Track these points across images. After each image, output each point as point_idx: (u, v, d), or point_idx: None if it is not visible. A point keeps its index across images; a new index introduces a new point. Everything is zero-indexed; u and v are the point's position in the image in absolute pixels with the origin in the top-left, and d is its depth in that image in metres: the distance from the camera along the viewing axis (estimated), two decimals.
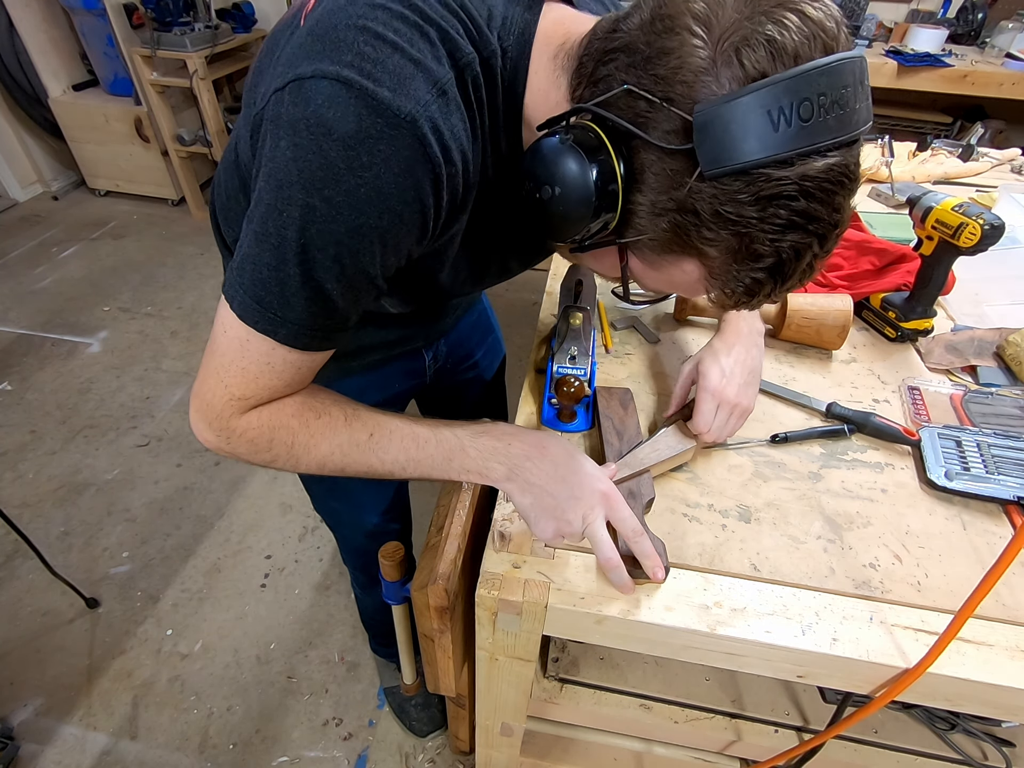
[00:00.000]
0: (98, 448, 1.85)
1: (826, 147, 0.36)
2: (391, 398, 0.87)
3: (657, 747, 0.87)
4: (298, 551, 1.60)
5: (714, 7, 0.36)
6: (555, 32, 0.47)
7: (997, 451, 0.68)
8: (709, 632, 0.54)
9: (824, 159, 0.36)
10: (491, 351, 1.03)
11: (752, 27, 0.35)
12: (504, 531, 0.61)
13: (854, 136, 0.37)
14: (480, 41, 0.44)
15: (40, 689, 1.31)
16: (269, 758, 1.23)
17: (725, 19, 0.35)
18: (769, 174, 0.36)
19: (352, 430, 0.54)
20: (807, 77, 0.34)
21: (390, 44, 0.40)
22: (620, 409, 0.71)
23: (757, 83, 0.34)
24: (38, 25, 2.66)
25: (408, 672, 0.94)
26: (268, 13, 2.89)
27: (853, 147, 0.38)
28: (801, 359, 0.85)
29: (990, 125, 2.27)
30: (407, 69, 0.40)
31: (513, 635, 0.60)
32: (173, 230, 2.94)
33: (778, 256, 0.39)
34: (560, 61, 0.46)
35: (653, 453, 0.65)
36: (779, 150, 0.35)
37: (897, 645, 0.54)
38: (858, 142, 0.38)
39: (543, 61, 0.47)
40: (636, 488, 0.62)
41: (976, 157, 1.43)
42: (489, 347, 1.02)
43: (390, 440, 0.54)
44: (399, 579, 0.76)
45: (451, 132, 0.43)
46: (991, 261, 0.88)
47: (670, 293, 0.54)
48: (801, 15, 0.35)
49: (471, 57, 0.44)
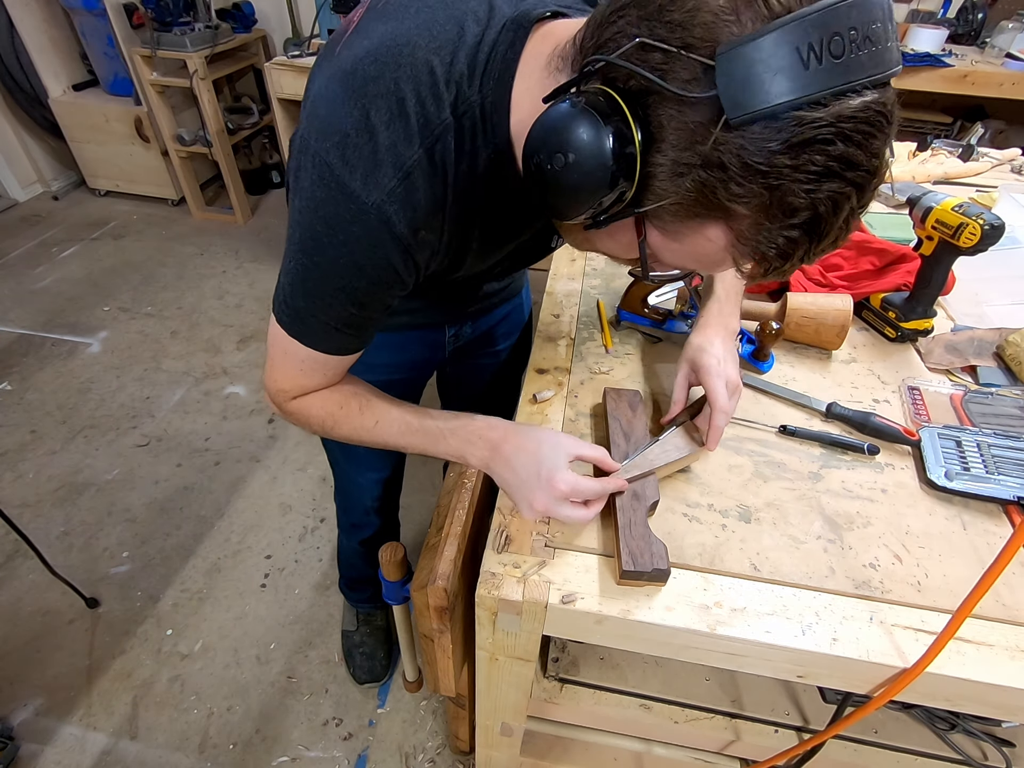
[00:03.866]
0: (98, 448, 1.85)
1: (861, 85, 0.34)
2: (407, 362, 0.92)
3: (657, 747, 0.87)
4: (298, 551, 1.60)
5: None
6: (543, 46, 0.48)
7: (997, 451, 0.68)
8: (709, 632, 0.54)
9: (860, 97, 0.34)
10: (515, 346, 1.08)
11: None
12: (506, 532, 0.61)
13: (889, 74, 0.35)
14: (458, 100, 0.48)
15: (40, 689, 1.31)
16: (269, 758, 1.23)
17: None
18: (802, 117, 0.33)
19: (363, 418, 0.64)
20: (836, 10, 0.32)
21: (370, 129, 0.46)
22: (628, 411, 0.71)
23: (783, 18, 0.32)
24: (38, 25, 2.66)
25: (410, 670, 0.94)
26: (268, 13, 2.88)
27: (887, 88, 0.35)
28: (801, 359, 0.85)
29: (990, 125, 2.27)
30: (379, 155, 0.47)
31: (513, 635, 0.60)
32: (173, 230, 2.94)
33: (814, 209, 0.36)
34: (555, 63, 0.46)
35: (663, 454, 0.65)
36: (811, 89, 0.33)
37: (897, 645, 0.54)
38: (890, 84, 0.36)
39: (535, 76, 0.47)
40: (641, 490, 0.62)
41: (976, 157, 1.43)
42: (514, 342, 1.07)
43: (389, 427, 0.64)
44: (399, 579, 0.76)
45: (414, 208, 0.49)
46: (991, 261, 0.88)
47: (692, 271, 0.53)
48: None
49: (446, 123, 0.48)
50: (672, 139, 0.37)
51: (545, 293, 0.96)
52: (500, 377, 1.10)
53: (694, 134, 0.36)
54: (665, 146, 0.38)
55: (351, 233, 0.49)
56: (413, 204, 0.49)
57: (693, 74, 0.35)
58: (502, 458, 0.61)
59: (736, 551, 0.60)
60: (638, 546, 0.56)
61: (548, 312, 0.92)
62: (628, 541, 0.57)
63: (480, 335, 0.98)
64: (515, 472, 0.60)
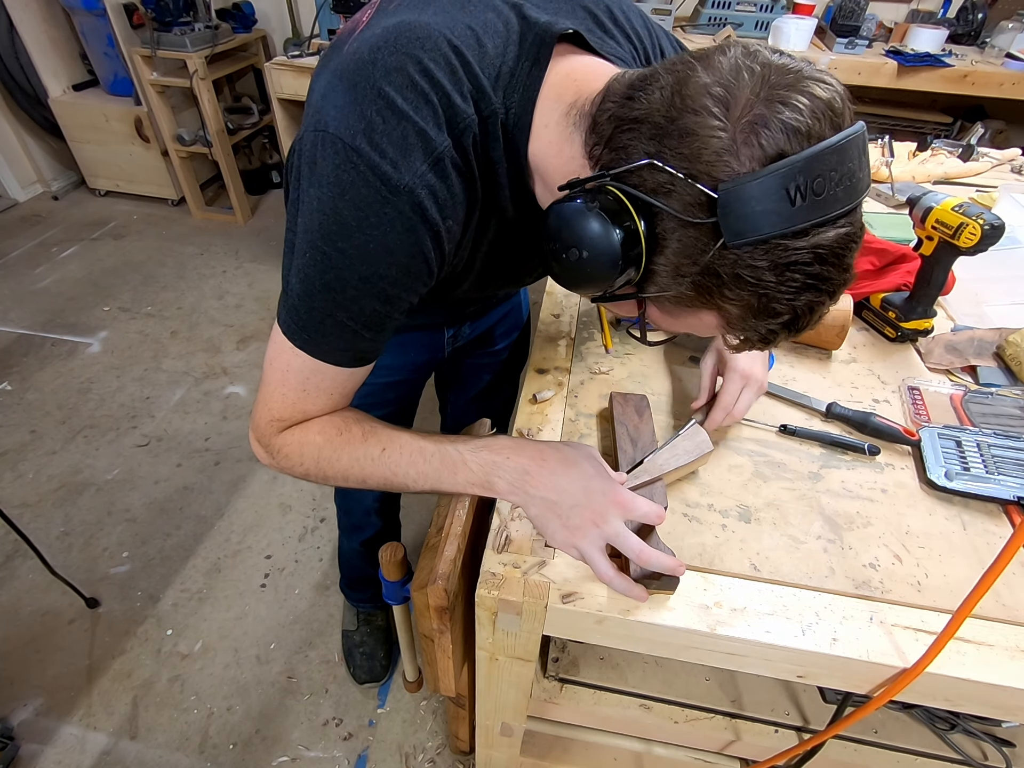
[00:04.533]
0: (98, 448, 1.85)
1: (835, 216, 0.39)
2: (406, 363, 0.91)
3: (657, 747, 0.87)
4: (298, 551, 1.60)
5: (732, 90, 0.38)
6: (565, 87, 0.50)
7: (997, 451, 0.68)
8: (709, 632, 0.54)
9: (835, 228, 0.39)
10: (514, 346, 1.08)
11: (767, 109, 0.37)
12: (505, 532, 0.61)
13: (859, 202, 0.40)
14: (482, 102, 0.49)
15: (40, 689, 1.31)
16: (269, 758, 1.23)
17: (742, 100, 0.38)
18: (786, 244, 0.39)
19: (368, 445, 0.58)
20: (820, 156, 0.37)
21: (398, 114, 0.46)
22: (635, 416, 0.71)
23: (777, 164, 0.37)
24: (38, 25, 2.66)
25: (410, 670, 0.94)
26: (268, 13, 2.88)
27: (856, 211, 0.41)
28: (801, 359, 0.85)
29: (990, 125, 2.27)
30: (409, 139, 0.46)
31: (513, 635, 0.60)
32: (173, 230, 2.94)
33: (794, 312, 0.42)
34: (572, 119, 0.48)
35: (672, 459, 0.64)
36: (795, 222, 0.38)
37: (897, 645, 0.54)
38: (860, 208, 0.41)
39: (554, 117, 0.50)
40: (649, 496, 0.61)
41: (976, 157, 1.43)
42: (513, 342, 1.07)
43: (400, 454, 0.58)
44: (399, 579, 0.76)
45: (447, 192, 0.49)
46: (991, 261, 0.88)
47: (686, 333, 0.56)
48: (811, 96, 0.37)
49: (470, 120, 0.49)
50: (675, 247, 0.42)
51: (545, 293, 0.96)
52: (499, 376, 1.10)
53: (694, 248, 0.41)
54: (668, 252, 0.42)
55: (384, 216, 0.47)
56: (443, 190, 0.49)
57: (696, 200, 0.39)
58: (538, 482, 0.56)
59: (736, 551, 0.60)
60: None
61: (548, 312, 0.92)
62: None
63: (479, 335, 0.98)
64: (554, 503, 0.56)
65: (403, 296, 0.53)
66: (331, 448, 0.58)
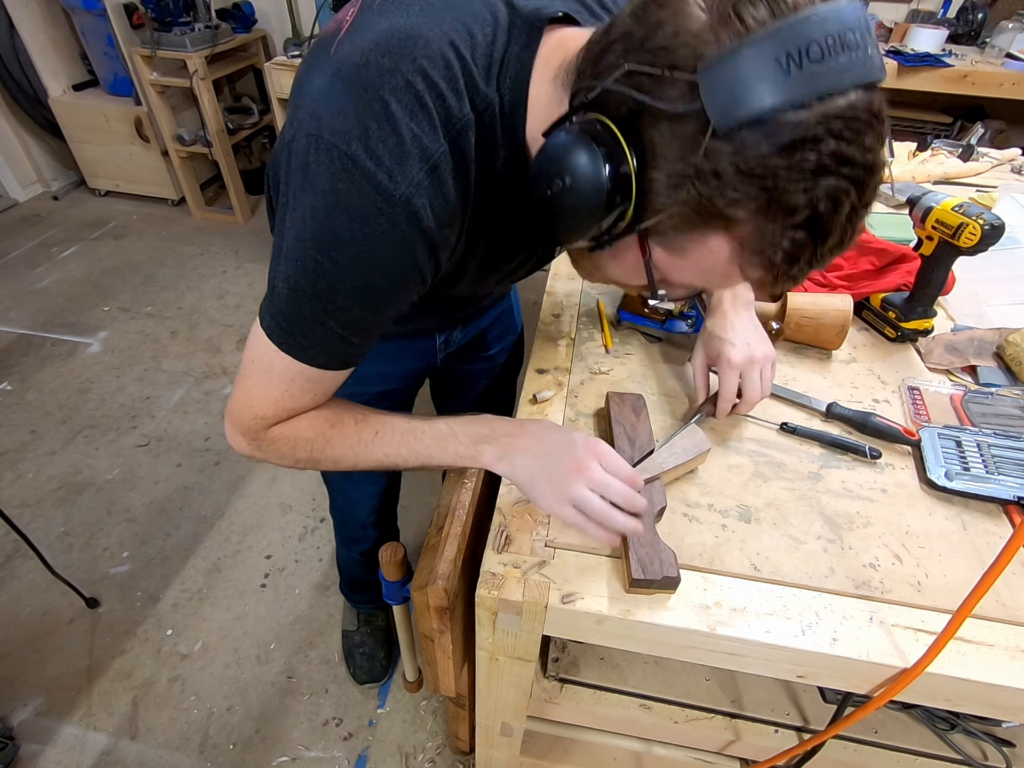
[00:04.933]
0: (98, 448, 1.85)
1: (844, 87, 0.34)
2: (398, 372, 0.91)
3: (657, 747, 0.87)
4: (298, 551, 1.60)
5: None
6: (553, 56, 0.48)
7: (997, 451, 0.68)
8: (709, 632, 0.54)
9: (846, 98, 0.34)
10: (509, 350, 1.07)
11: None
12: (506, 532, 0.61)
13: (873, 80, 0.35)
14: (477, 97, 0.48)
15: (40, 689, 1.31)
16: (269, 758, 1.23)
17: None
18: (788, 119, 0.34)
19: (360, 431, 0.60)
20: (808, 20, 0.33)
21: (393, 120, 0.45)
22: (632, 415, 0.71)
23: (759, 32, 0.34)
24: (38, 25, 2.66)
25: (410, 670, 0.94)
26: (268, 13, 2.88)
27: (874, 90, 0.36)
28: (801, 359, 0.85)
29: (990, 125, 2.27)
30: (405, 146, 0.45)
31: (513, 635, 0.60)
32: (173, 230, 2.94)
33: (814, 207, 0.37)
34: (560, 80, 0.47)
35: (671, 457, 0.64)
36: (794, 93, 0.34)
37: (897, 645, 0.54)
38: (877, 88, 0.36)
39: (543, 86, 0.48)
40: (648, 496, 0.61)
41: (976, 157, 1.43)
42: (507, 346, 1.06)
43: (392, 435, 0.60)
44: (399, 579, 0.76)
45: (442, 199, 0.48)
46: (991, 261, 0.88)
47: (701, 288, 0.54)
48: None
49: (467, 120, 0.47)
50: (665, 154, 0.38)
51: (545, 293, 0.96)
52: (495, 381, 1.09)
53: (685, 147, 0.37)
54: (659, 162, 0.39)
55: (378, 227, 0.46)
56: (439, 198, 0.48)
57: (680, 92, 0.36)
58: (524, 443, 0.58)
59: (736, 551, 0.60)
60: (647, 554, 0.56)
61: (548, 312, 0.92)
62: (636, 549, 0.56)
63: (471, 340, 0.96)
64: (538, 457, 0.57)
65: (394, 305, 0.53)
66: (324, 440, 0.59)
